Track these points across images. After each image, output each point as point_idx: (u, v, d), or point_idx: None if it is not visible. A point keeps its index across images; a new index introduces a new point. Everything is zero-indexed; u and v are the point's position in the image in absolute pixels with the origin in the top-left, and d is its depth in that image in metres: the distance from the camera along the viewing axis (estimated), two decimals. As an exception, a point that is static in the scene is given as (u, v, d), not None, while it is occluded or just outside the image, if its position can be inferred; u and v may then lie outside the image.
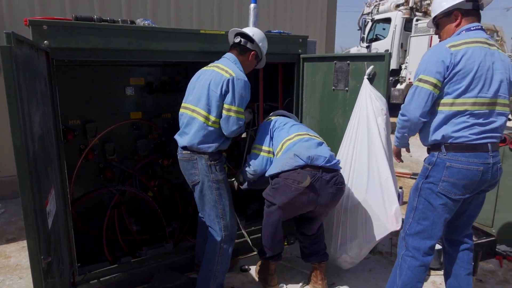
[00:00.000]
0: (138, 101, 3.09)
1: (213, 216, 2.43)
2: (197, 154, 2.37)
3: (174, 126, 3.17)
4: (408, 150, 2.50)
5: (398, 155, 2.54)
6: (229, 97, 2.32)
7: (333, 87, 2.94)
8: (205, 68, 2.50)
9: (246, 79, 2.40)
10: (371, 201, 2.61)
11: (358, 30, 12.18)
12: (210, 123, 2.35)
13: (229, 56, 2.50)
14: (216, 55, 2.66)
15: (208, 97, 2.33)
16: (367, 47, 11.50)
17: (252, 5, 3.01)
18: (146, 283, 2.65)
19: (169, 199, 3.30)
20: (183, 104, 2.49)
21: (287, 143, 2.52)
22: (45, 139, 1.90)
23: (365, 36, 11.65)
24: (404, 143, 2.36)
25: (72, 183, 2.70)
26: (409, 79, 10.13)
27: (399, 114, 2.20)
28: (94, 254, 2.86)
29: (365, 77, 2.65)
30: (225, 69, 2.37)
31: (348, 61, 2.81)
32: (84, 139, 2.85)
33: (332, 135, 2.96)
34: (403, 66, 10.72)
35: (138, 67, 3.07)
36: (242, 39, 2.50)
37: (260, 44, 2.55)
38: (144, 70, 3.09)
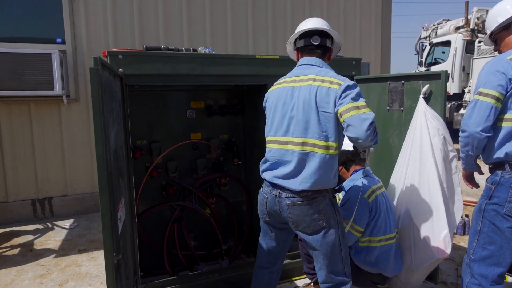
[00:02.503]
0: (198, 123, 3.31)
1: (339, 262, 2.05)
2: (319, 194, 1.97)
3: (231, 146, 3.33)
4: (480, 172, 2.33)
5: (470, 180, 2.34)
6: (347, 98, 1.88)
7: (388, 108, 2.93)
8: (284, 85, 2.09)
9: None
10: (421, 225, 2.50)
11: (416, 54, 11.88)
12: (331, 151, 1.94)
13: (317, 62, 2.08)
14: (271, 78, 2.81)
15: (319, 121, 1.91)
16: (426, 71, 11.15)
17: (305, 31, 3.15)
18: (202, 296, 2.74)
19: (225, 217, 3.42)
20: (271, 138, 2.08)
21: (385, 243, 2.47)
22: (118, 154, 2.13)
23: (423, 60, 11.33)
24: (471, 164, 2.20)
25: (138, 198, 2.93)
26: (473, 102, 9.57)
27: (460, 131, 2.13)
28: (155, 266, 3.03)
29: (421, 96, 2.62)
30: (328, 79, 1.94)
31: (402, 81, 2.80)
32: (149, 157, 3.10)
33: (388, 156, 2.92)
34: (466, 90, 10.21)
35: (199, 91, 3.30)
36: (320, 39, 2.09)
37: (337, 41, 2.21)
38: (204, 94, 3.31)
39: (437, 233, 2.40)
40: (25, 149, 4.73)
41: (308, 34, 2.12)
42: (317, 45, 2.09)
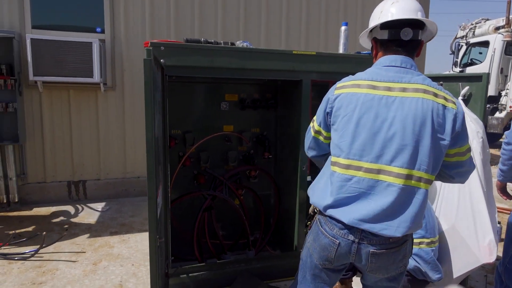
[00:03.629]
0: (231, 115, 3.36)
1: None
2: (409, 236, 1.65)
3: (262, 140, 3.37)
4: None
5: (504, 191, 2.28)
6: (463, 134, 1.55)
7: (424, 108, 2.88)
8: (369, 91, 1.59)
9: None
10: (461, 229, 2.47)
11: (451, 54, 11.52)
12: (429, 186, 1.55)
13: (412, 64, 1.63)
14: (306, 74, 2.83)
15: (432, 148, 1.50)
16: (461, 72, 10.79)
17: (343, 27, 3.14)
18: (228, 285, 2.82)
19: (253, 209, 3.48)
20: (352, 162, 1.57)
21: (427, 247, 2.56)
22: (158, 142, 2.21)
23: (459, 60, 10.97)
24: (510, 177, 2.11)
25: (171, 186, 3.02)
26: (510, 106, 9.22)
27: (503, 144, 2.05)
28: (184, 252, 3.13)
29: (460, 98, 2.58)
30: (441, 93, 1.55)
31: (441, 82, 2.76)
32: (183, 147, 3.19)
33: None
34: (502, 93, 9.83)
35: (233, 85, 3.36)
36: (413, 31, 1.62)
37: (432, 29, 1.72)
38: (238, 88, 3.37)
39: (481, 238, 2.36)
40: (63, 133, 4.94)
41: (395, 24, 1.61)
42: (407, 40, 1.61)
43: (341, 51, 3.16)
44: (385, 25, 1.63)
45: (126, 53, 5.06)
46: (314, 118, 1.82)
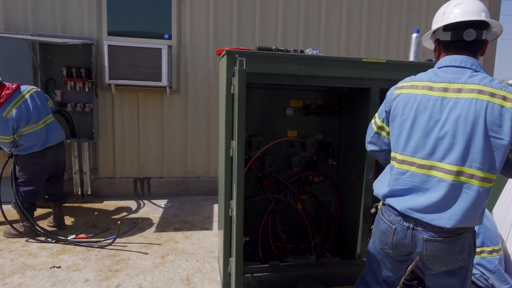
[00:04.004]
0: (295, 121, 3.42)
1: None
2: (465, 229, 1.69)
3: (325, 146, 3.40)
4: None
5: None
6: None
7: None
8: (425, 92, 1.69)
9: None
10: None
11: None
12: (487, 184, 1.60)
13: (473, 64, 1.67)
14: (376, 82, 2.82)
15: (484, 148, 1.55)
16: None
17: (414, 35, 3.09)
18: (290, 287, 2.88)
19: (314, 214, 3.51)
20: (406, 158, 1.72)
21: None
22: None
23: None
24: None
25: (237, 187, 3.14)
26: None
27: None
28: (247, 252, 3.23)
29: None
30: (500, 92, 1.56)
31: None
32: (248, 150, 3.30)
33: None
34: None
35: (298, 91, 3.41)
36: (476, 32, 1.66)
37: (497, 29, 1.74)
38: (303, 94, 3.42)
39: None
40: (131, 132, 5.29)
41: (458, 26, 1.66)
42: (470, 40, 1.65)
43: (411, 58, 3.11)
44: (448, 27, 1.69)
45: (190, 59, 5.31)
46: (376, 114, 2.00)
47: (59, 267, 3.22)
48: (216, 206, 5.05)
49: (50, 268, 3.20)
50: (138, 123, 5.29)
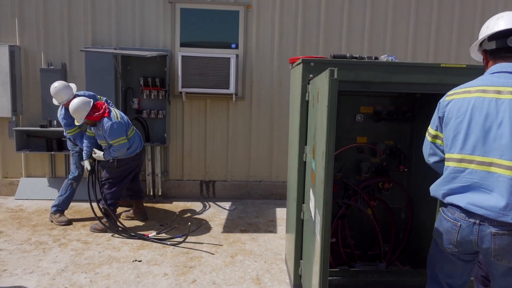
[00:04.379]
0: (365, 127, 3.42)
1: None
2: None
3: (396, 153, 3.36)
4: None
5: None
6: None
7: None
8: (479, 95, 1.81)
9: None
10: None
11: None
12: None
13: None
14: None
15: None
16: None
17: (495, 39, 2.96)
18: (361, 293, 2.87)
19: (383, 221, 3.47)
20: (465, 156, 1.80)
21: None
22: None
23: None
24: None
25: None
26: None
27: None
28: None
29: None
30: None
31: None
32: (317, 156, 3.36)
33: None
34: None
35: (368, 97, 3.42)
36: None
37: None
38: (374, 100, 3.41)
39: None
40: (199, 137, 5.58)
41: (502, 35, 1.82)
42: None
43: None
44: (492, 37, 1.85)
45: (255, 67, 5.50)
46: (429, 127, 2.07)
47: (140, 261, 3.50)
48: (278, 210, 5.15)
49: (133, 261, 3.49)
50: (205, 128, 5.56)
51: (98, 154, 4.09)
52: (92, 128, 4.08)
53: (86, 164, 4.18)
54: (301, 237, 2.91)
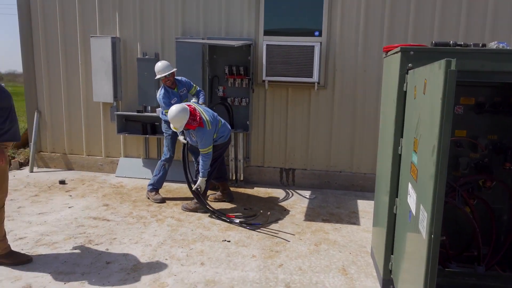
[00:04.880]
0: (465, 119, 3.19)
1: None
2: None
3: (501, 148, 3.09)
4: None
5: None
6: None
7: None
8: None
9: None
10: None
11: None
12: None
13: None
14: None
15: None
16: None
17: None
18: (456, 295, 2.75)
19: (483, 222, 3.24)
20: None
21: None
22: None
23: None
24: None
25: (399, 185, 3.11)
26: None
27: None
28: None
29: None
30: None
31: None
32: (410, 149, 3.22)
33: None
34: None
35: (470, 87, 3.16)
36: None
37: None
38: (476, 90, 3.16)
39: None
40: (280, 125, 5.67)
41: None
42: None
43: None
44: None
45: (339, 55, 5.39)
46: None
47: (229, 241, 3.72)
48: (360, 202, 5.07)
49: (222, 241, 3.72)
50: (286, 117, 5.63)
51: (202, 184, 4.35)
52: (184, 131, 4.34)
53: (181, 139, 4.50)
54: (392, 231, 2.86)
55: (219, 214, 4.30)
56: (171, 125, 4.26)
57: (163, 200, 4.75)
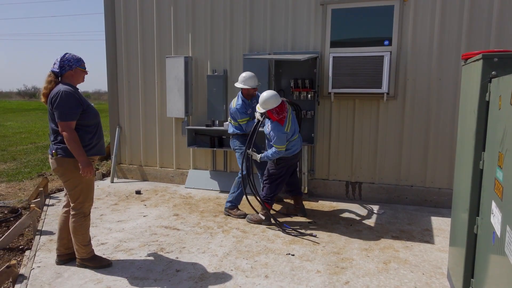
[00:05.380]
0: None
1: None
2: None
3: None
4: None
5: None
6: None
7: None
8: None
9: None
10: None
11: None
12: None
13: None
14: None
15: None
16: None
17: None
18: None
19: None
20: None
21: None
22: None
23: None
24: None
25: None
26: None
27: None
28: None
29: None
30: None
31: None
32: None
33: None
34: None
35: None
36: None
37: None
38: None
39: None
40: (346, 138, 5.53)
41: None
42: None
43: None
44: None
45: (410, 63, 5.14)
46: None
47: (293, 255, 3.69)
48: (434, 219, 4.72)
49: (286, 254, 3.70)
50: (353, 129, 5.48)
51: (255, 156, 4.47)
52: (264, 116, 4.36)
53: (258, 115, 4.41)
54: (473, 253, 2.61)
55: (279, 224, 4.30)
56: (258, 105, 4.31)
57: (245, 215, 4.78)
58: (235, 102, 4.82)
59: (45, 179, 5.79)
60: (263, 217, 4.49)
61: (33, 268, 3.40)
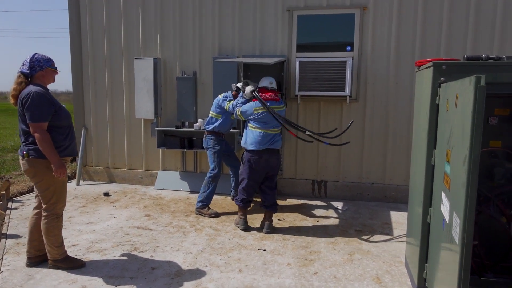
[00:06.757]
0: (500, 130, 3.22)
1: None
2: None
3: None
4: None
5: None
6: None
7: None
8: None
9: None
10: None
11: None
12: None
13: None
14: None
15: None
16: None
17: None
18: (494, 305, 2.74)
19: (520, 232, 3.22)
20: None
21: None
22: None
23: None
24: None
25: (432, 195, 3.17)
26: None
27: None
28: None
29: None
30: None
31: None
32: (443, 160, 3.28)
33: None
34: None
35: (505, 98, 3.20)
36: None
37: None
38: (510, 101, 3.19)
39: None
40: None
41: None
42: None
43: None
44: None
45: (370, 68, 5.49)
46: None
47: (265, 250, 3.87)
48: (393, 213, 5.08)
49: (258, 250, 3.87)
50: (318, 129, 5.75)
51: (246, 91, 4.49)
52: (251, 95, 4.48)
53: (239, 85, 4.72)
54: (426, 240, 2.91)
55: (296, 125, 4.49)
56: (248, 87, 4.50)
57: (217, 214, 4.87)
58: (237, 100, 4.67)
59: (7, 182, 5.60)
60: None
61: (2, 272, 3.35)
